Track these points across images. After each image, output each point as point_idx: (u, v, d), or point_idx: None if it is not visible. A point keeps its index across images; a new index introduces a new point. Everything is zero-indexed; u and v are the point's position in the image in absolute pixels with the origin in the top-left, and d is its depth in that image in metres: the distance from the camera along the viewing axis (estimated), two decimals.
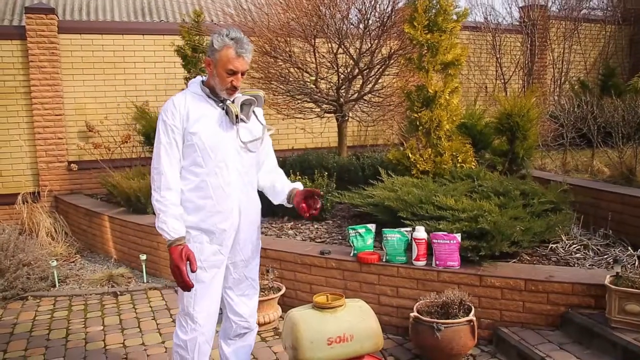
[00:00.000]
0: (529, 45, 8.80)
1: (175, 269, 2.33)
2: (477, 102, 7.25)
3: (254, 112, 2.59)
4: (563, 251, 3.85)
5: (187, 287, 2.35)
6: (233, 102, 2.47)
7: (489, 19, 8.87)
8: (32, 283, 4.64)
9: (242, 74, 2.43)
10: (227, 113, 2.46)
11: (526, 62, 8.81)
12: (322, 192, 2.48)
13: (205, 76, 2.55)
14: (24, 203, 6.41)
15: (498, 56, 8.57)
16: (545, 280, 3.26)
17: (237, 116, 2.45)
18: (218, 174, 2.45)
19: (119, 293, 4.64)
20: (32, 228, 6.22)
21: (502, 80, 8.58)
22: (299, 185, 2.64)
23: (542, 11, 8.90)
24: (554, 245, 3.93)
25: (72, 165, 6.71)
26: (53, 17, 6.67)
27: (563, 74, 8.97)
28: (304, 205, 2.49)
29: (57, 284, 4.81)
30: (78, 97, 6.87)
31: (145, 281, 4.87)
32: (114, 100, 6.97)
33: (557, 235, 4.00)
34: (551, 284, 3.25)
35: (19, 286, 4.53)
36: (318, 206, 2.49)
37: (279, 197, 2.67)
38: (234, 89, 2.43)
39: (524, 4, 9.02)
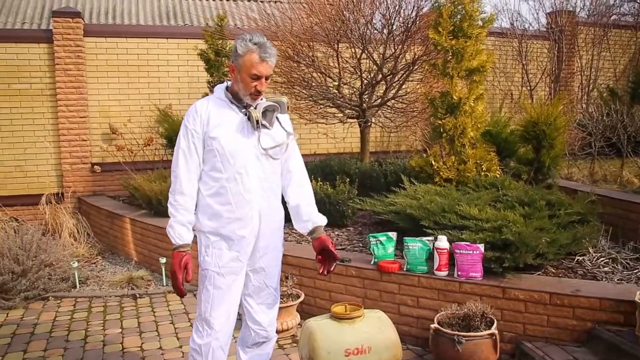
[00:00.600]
0: (556, 52, 8.64)
1: (172, 275, 2.39)
2: (502, 109, 7.13)
3: (277, 118, 2.55)
4: (590, 264, 3.73)
5: (180, 293, 2.40)
6: (255, 107, 2.45)
7: (515, 24, 8.73)
8: (53, 284, 4.67)
9: (266, 79, 2.42)
10: (249, 119, 2.44)
11: (553, 69, 8.65)
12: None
13: (230, 81, 2.53)
14: (47, 204, 6.49)
15: (524, 63, 8.43)
16: (572, 294, 3.16)
17: (257, 122, 2.42)
18: (238, 180, 2.42)
19: (138, 296, 4.65)
20: (55, 229, 6.28)
21: (528, 87, 8.44)
22: (322, 222, 2.64)
23: (570, 17, 8.73)
24: (580, 258, 3.82)
25: (95, 167, 6.77)
26: (79, 21, 6.75)
27: (591, 81, 8.78)
28: (320, 257, 2.58)
29: (77, 285, 4.84)
30: (102, 100, 6.94)
31: (164, 284, 4.88)
32: (137, 103, 7.03)
33: (584, 248, 3.88)
34: (577, 299, 3.14)
35: (41, 286, 4.56)
36: (332, 269, 2.58)
37: (300, 227, 2.67)
38: (257, 94, 2.41)
39: (552, 10, 8.86)
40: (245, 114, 2.45)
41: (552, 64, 8.65)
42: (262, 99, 2.52)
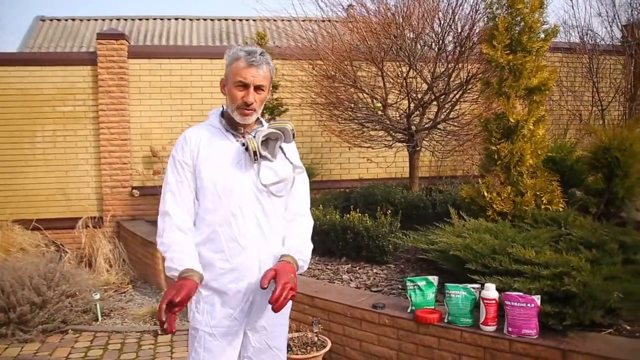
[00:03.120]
0: (632, 68, 7.82)
1: (162, 300, 1.86)
2: (569, 132, 6.45)
3: (281, 148, 2.14)
4: None
5: (161, 323, 1.87)
6: (254, 136, 2.05)
7: (585, 39, 7.99)
8: (74, 316, 4.44)
9: (258, 90, 2.02)
10: (246, 149, 2.04)
11: (628, 86, 7.82)
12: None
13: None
14: (85, 227, 6.37)
15: (595, 80, 7.67)
16: None
17: (255, 153, 2.02)
18: (232, 223, 2.02)
19: (159, 332, 4.34)
20: (92, 253, 6.14)
21: (600, 107, 7.66)
22: (294, 252, 2.03)
23: None
24: None
25: (134, 191, 6.62)
26: (123, 42, 6.67)
27: None
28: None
29: (99, 318, 4.59)
30: (144, 122, 6.81)
31: (189, 320, 4.53)
32: (179, 125, 6.85)
33: None
34: None
35: (60, 319, 4.34)
36: (278, 302, 1.83)
37: None
38: (246, 107, 2.01)
39: (628, 22, 8.06)
40: (243, 144, 2.06)
41: (628, 81, 7.83)
42: (262, 126, 2.14)
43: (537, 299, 2.82)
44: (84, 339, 4.26)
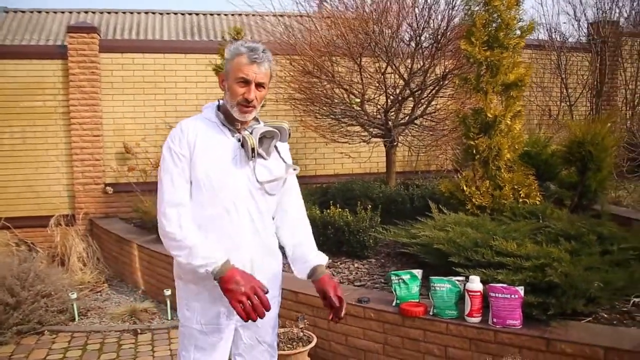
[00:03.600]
0: (598, 65, 8.05)
1: (244, 293, 1.84)
2: (540, 127, 6.59)
3: (275, 147, 2.13)
4: None
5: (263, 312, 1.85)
6: (251, 132, 2.03)
7: (553, 36, 8.18)
8: (50, 316, 4.33)
9: (259, 87, 1.99)
10: (242, 145, 2.02)
11: (595, 82, 8.05)
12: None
13: (222, 100, 2.13)
14: (57, 226, 6.22)
15: (563, 76, 7.86)
16: (634, 350, 2.63)
17: (253, 150, 1.99)
18: (225, 219, 1.99)
19: (139, 331, 4.26)
20: (65, 252, 6.00)
21: (568, 103, 7.86)
22: (320, 261, 2.11)
23: (614, 27, 8.13)
24: (637, 300, 3.27)
25: (107, 188, 6.49)
26: (94, 36, 6.53)
27: (637, 95, 8.13)
28: (327, 302, 2.04)
29: (76, 318, 4.49)
30: (117, 118, 6.68)
31: (169, 318, 4.49)
32: (153, 121, 6.74)
33: None
34: None
35: (35, 319, 4.22)
36: (341, 315, 2.03)
37: (297, 271, 2.15)
38: (246, 104, 1.98)
39: (594, 20, 8.29)
40: (239, 140, 2.03)
41: (594, 78, 8.06)
42: (259, 123, 2.12)
43: (521, 290, 2.87)
44: (61, 339, 4.16)
